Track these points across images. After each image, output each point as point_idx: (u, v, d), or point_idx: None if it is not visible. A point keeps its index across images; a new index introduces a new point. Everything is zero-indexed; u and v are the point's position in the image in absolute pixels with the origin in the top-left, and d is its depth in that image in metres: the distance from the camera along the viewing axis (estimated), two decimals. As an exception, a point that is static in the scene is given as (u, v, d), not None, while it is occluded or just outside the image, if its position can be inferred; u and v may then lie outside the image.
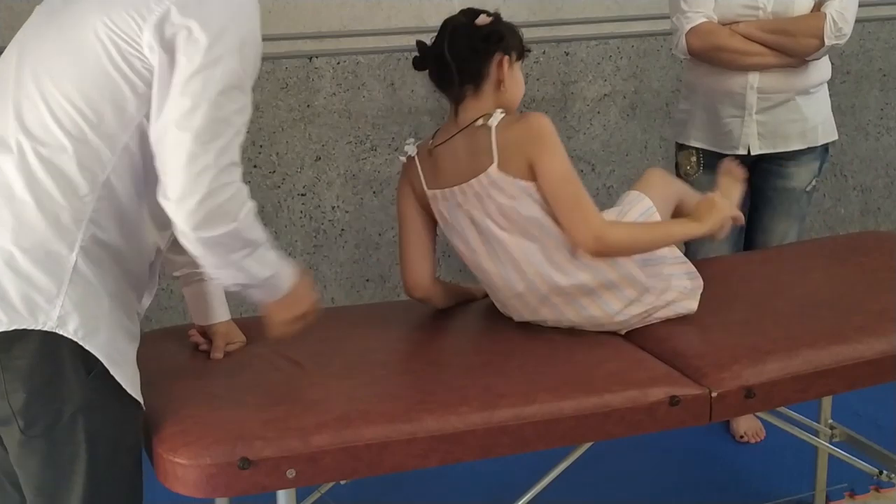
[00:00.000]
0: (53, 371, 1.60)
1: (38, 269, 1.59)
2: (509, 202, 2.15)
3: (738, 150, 3.04)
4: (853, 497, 2.95)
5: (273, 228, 3.72)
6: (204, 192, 1.59)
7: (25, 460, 1.65)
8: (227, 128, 1.65)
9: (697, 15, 2.95)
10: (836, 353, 2.03)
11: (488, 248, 2.20)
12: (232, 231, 1.63)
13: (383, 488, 2.59)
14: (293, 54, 3.63)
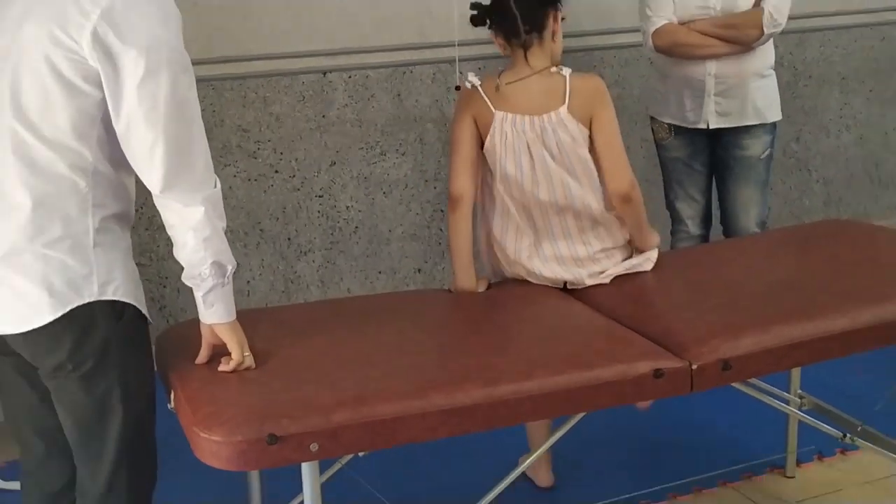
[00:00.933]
0: (93, 323, 1.75)
1: (70, 258, 1.72)
2: (569, 140, 2.37)
3: (700, 125, 3.34)
4: (821, 459, 2.96)
5: (294, 227, 3.72)
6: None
7: (71, 397, 1.80)
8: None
9: (660, 19, 3.23)
10: (804, 329, 2.03)
11: (534, 173, 2.38)
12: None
13: (398, 458, 2.59)
14: (309, 70, 3.63)
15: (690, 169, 3.46)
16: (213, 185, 1.81)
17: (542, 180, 2.38)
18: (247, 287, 3.70)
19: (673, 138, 3.43)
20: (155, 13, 1.77)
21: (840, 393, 2.88)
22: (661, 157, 3.56)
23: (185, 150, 1.76)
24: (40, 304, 1.72)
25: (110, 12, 1.65)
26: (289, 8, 3.55)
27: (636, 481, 2.83)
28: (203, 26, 3.44)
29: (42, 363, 1.79)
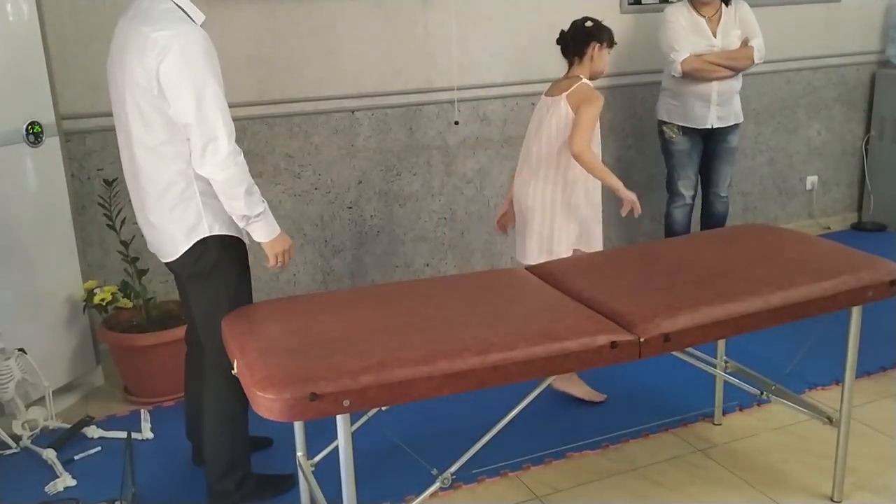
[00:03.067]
0: (207, 249, 2.21)
1: (187, 214, 2.18)
2: (559, 119, 2.84)
3: (706, 125, 3.77)
4: (741, 410, 2.94)
5: (330, 231, 3.71)
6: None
7: (199, 292, 2.28)
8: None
9: (684, 52, 3.64)
10: (728, 309, 2.02)
11: (535, 135, 2.92)
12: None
13: (412, 411, 2.59)
14: (341, 109, 3.63)
15: (690, 159, 3.85)
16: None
17: (539, 138, 2.91)
18: (293, 278, 3.70)
19: (680, 136, 3.80)
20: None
21: (757, 359, 2.87)
22: (669, 151, 3.89)
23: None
24: (179, 242, 2.19)
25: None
26: (324, 61, 3.54)
27: (597, 429, 2.82)
28: (257, 76, 3.44)
29: (184, 274, 2.27)
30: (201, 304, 2.29)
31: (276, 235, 2.22)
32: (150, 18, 2.05)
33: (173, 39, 2.00)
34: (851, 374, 2.30)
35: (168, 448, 2.77)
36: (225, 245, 2.22)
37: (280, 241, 2.24)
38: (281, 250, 2.25)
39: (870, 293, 2.16)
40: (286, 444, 2.53)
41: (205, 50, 2.04)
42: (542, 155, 2.87)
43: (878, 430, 2.78)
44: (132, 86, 2.08)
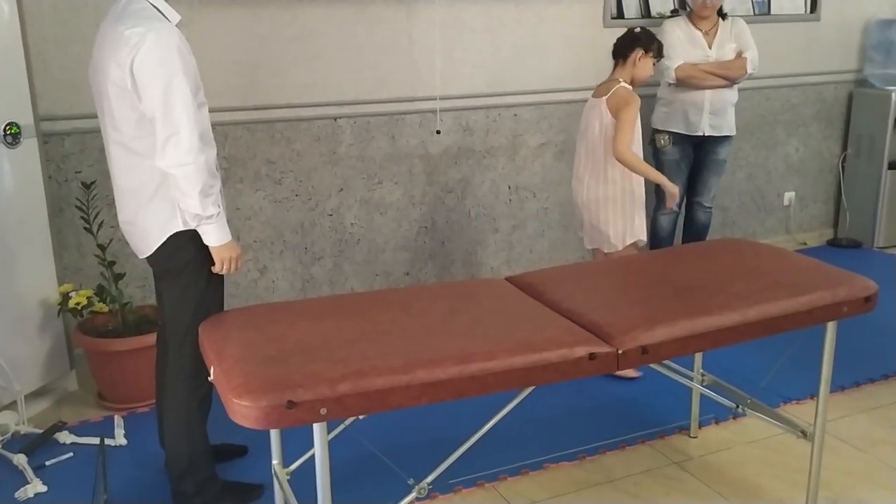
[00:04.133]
0: (180, 244, 2.22)
1: (161, 209, 2.18)
2: (601, 121, 3.09)
3: (698, 133, 3.85)
4: (717, 423, 2.96)
5: (310, 239, 3.70)
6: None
7: (169, 288, 2.30)
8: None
9: (678, 60, 3.73)
10: (705, 322, 2.03)
11: (583, 134, 3.19)
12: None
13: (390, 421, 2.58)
14: (323, 116, 3.62)
15: (679, 169, 3.91)
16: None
17: (585, 137, 3.21)
18: (272, 285, 3.68)
19: (671, 146, 3.87)
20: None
21: (734, 372, 2.89)
22: (659, 160, 3.95)
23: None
24: (154, 237, 2.21)
25: None
26: (307, 67, 3.53)
27: (575, 440, 2.82)
28: (240, 81, 3.43)
29: (158, 270, 2.32)
30: (170, 301, 2.31)
31: (226, 242, 2.22)
32: (125, 17, 2.10)
33: (146, 35, 2.04)
34: (826, 389, 2.33)
35: (141, 455, 2.74)
36: (200, 244, 2.22)
37: (228, 248, 2.23)
38: (228, 257, 2.24)
39: (845, 309, 2.19)
40: (262, 452, 2.51)
41: (177, 47, 2.06)
42: (588, 154, 3.19)
43: (851, 444, 2.81)
44: (108, 83, 2.11)
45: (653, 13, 4.18)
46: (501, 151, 4.01)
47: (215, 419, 2.27)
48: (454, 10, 3.74)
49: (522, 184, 4.10)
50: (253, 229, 3.58)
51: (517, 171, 4.08)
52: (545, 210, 4.20)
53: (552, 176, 4.17)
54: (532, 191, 4.14)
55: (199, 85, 2.16)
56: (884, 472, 2.64)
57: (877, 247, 4.94)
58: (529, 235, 4.20)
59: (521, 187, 4.11)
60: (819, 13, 4.71)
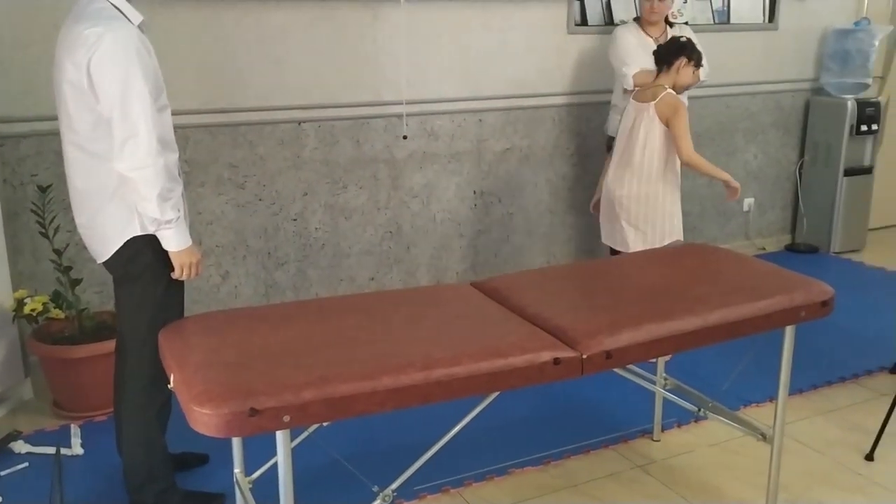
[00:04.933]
0: (139, 249, 2.18)
1: (119, 212, 2.15)
2: (647, 124, 3.23)
3: None
4: (680, 426, 2.99)
5: (273, 243, 3.66)
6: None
7: (126, 294, 2.26)
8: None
9: (635, 67, 3.72)
10: (668, 327, 2.04)
11: (628, 135, 3.30)
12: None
13: (354, 427, 2.56)
14: (287, 120, 3.59)
15: None
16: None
17: (632, 140, 3.30)
18: (235, 291, 3.63)
19: None
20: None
21: (696, 376, 2.92)
22: None
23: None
24: (111, 240, 2.17)
25: None
26: (271, 71, 3.50)
27: (539, 445, 2.83)
28: (203, 83, 3.38)
29: (116, 275, 2.26)
30: (127, 307, 2.26)
31: (186, 247, 2.19)
32: (84, 17, 2.06)
33: (104, 35, 2.01)
34: (785, 392, 2.36)
35: (99, 464, 2.68)
36: (159, 249, 2.18)
37: (188, 254, 2.20)
38: (188, 262, 2.21)
39: (803, 313, 2.23)
40: (223, 460, 2.47)
41: (136, 48, 2.03)
42: (633, 156, 3.28)
43: (809, 446, 2.86)
44: (65, 83, 2.07)
45: (615, 20, 4.22)
46: (466, 156, 4.02)
47: (176, 427, 2.23)
48: (420, 14, 3.74)
49: (487, 189, 4.11)
50: (215, 234, 3.54)
51: (482, 176, 4.08)
52: (510, 215, 4.21)
53: (517, 181, 4.18)
54: (497, 196, 4.15)
55: (161, 87, 2.13)
56: (841, 474, 2.69)
57: (833, 252, 5.05)
58: (494, 240, 4.20)
59: (487, 192, 4.12)
60: (777, 22, 4.81)
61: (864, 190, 5.02)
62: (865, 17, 4.96)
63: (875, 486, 2.62)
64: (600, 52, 4.09)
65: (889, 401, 2.91)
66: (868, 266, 4.83)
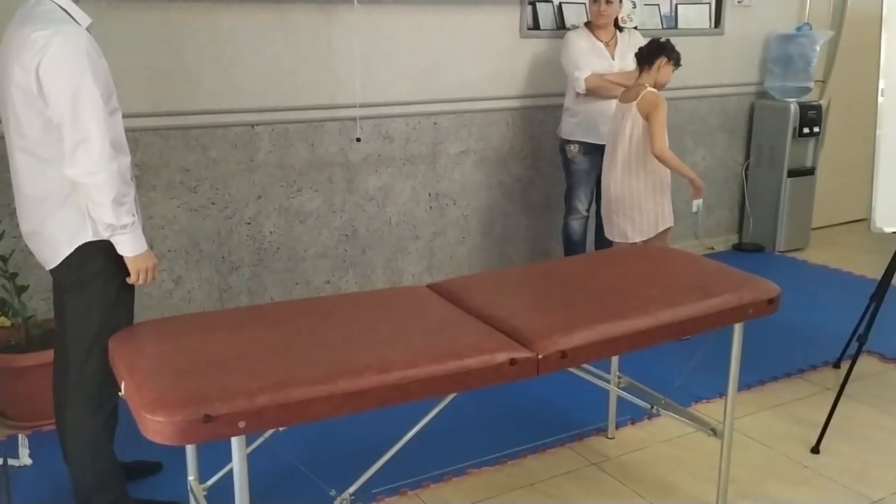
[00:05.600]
0: (89, 255, 2.13)
1: (69, 218, 2.10)
2: (631, 121, 3.38)
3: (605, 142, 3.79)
4: (633, 424, 3.03)
5: (227, 248, 3.61)
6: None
7: (74, 301, 2.18)
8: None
9: (587, 71, 3.79)
10: (621, 326, 2.07)
11: (615, 134, 3.48)
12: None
13: (310, 431, 2.53)
14: (240, 123, 3.54)
15: (588, 177, 3.97)
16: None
17: (615, 139, 3.49)
18: (188, 296, 3.57)
19: (582, 155, 3.93)
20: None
21: (648, 374, 2.96)
22: (569, 169, 4.02)
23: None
24: (60, 246, 2.12)
25: None
26: (223, 73, 3.46)
27: (497, 445, 2.84)
28: (152, 86, 3.32)
29: (64, 281, 2.19)
30: (74, 314, 2.20)
31: (142, 252, 2.15)
32: (32, 19, 2.00)
33: (52, 38, 1.95)
34: (734, 388, 2.41)
35: (48, 475, 2.60)
36: (110, 254, 2.13)
37: (144, 259, 2.16)
38: (145, 267, 2.17)
39: (750, 311, 2.28)
40: (177, 467, 2.43)
41: (86, 51, 1.98)
42: (622, 153, 3.45)
43: (758, 440, 2.92)
44: (12, 87, 2.01)
45: (567, 25, 4.27)
46: (421, 159, 4.02)
47: (128, 435, 2.18)
48: (374, 17, 3.73)
49: (443, 191, 4.12)
50: (167, 238, 3.47)
51: (437, 178, 4.09)
52: (465, 217, 4.22)
53: (472, 183, 4.20)
54: (452, 198, 4.16)
55: (112, 90, 2.08)
56: (788, 466, 2.76)
57: (778, 251, 5.18)
58: (450, 243, 4.21)
59: (442, 195, 4.12)
60: (723, 27, 4.91)
61: (807, 190, 5.16)
62: (807, 22, 5.10)
63: (821, 477, 2.69)
64: (553, 55, 4.13)
65: (833, 395, 3.00)
66: (811, 264, 4.96)
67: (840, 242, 5.37)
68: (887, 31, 2.88)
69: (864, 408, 3.14)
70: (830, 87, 5.38)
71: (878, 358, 3.58)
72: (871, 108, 2.97)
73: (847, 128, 5.41)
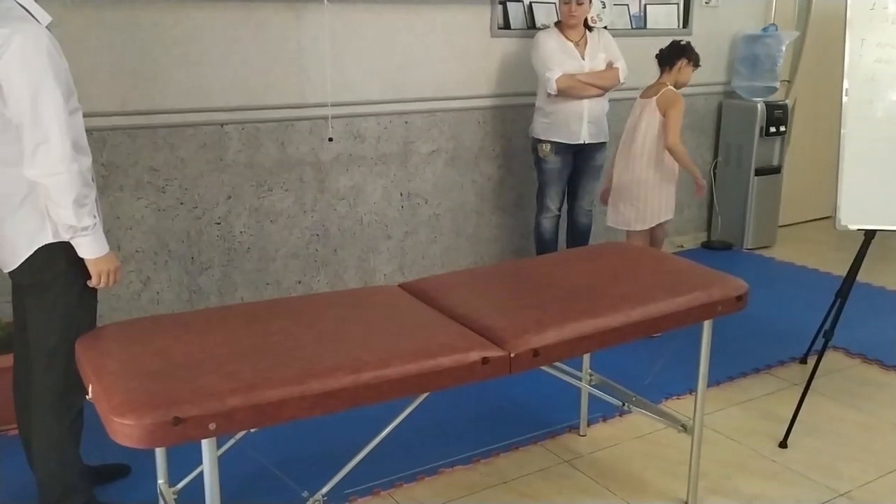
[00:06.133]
0: (50, 256, 2.09)
1: (29, 220, 2.06)
2: (648, 116, 3.67)
3: (579, 141, 3.94)
4: (605, 421, 3.05)
5: (197, 248, 3.57)
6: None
7: (35, 304, 2.14)
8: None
9: (558, 71, 3.81)
10: (593, 324, 2.08)
11: (633, 127, 3.73)
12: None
13: (282, 432, 2.51)
14: (209, 122, 3.51)
15: (560, 176, 4.02)
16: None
17: (635, 131, 3.75)
18: (157, 297, 3.53)
19: (554, 155, 3.95)
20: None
21: (619, 371, 2.99)
22: (541, 168, 4.04)
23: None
24: (20, 249, 2.08)
25: None
26: (191, 72, 3.42)
27: (469, 444, 2.84)
28: (119, 85, 3.28)
29: (24, 284, 2.14)
30: (36, 317, 2.15)
31: (104, 254, 2.11)
32: None
33: (12, 36, 1.92)
34: (703, 384, 2.44)
35: (12, 482, 2.55)
36: (71, 256, 2.09)
37: (106, 261, 2.13)
38: (106, 269, 2.13)
39: (719, 308, 2.30)
40: (146, 470, 2.40)
41: (47, 50, 1.95)
42: (637, 145, 3.68)
43: (727, 436, 2.96)
44: None
45: (537, 24, 4.29)
46: (393, 158, 4.01)
47: (96, 438, 2.14)
48: (344, 15, 3.71)
49: (414, 190, 4.11)
50: (135, 239, 3.43)
51: (409, 177, 4.08)
52: (437, 216, 4.22)
53: (443, 182, 4.20)
54: (424, 197, 4.16)
55: (73, 90, 2.05)
56: (757, 461, 2.80)
57: (746, 248, 5.25)
58: (422, 242, 4.21)
59: (413, 194, 4.12)
60: (691, 28, 4.96)
61: (773, 189, 5.24)
62: (773, 23, 5.17)
63: (789, 471, 2.73)
64: (524, 55, 4.14)
65: (800, 390, 3.05)
66: (778, 261, 5.04)
67: (806, 240, 5.46)
68: (851, 31, 2.93)
69: (830, 402, 3.19)
70: (796, 87, 5.46)
71: (843, 353, 3.64)
72: (835, 107, 3.02)
73: (812, 127, 5.50)
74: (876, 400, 3.22)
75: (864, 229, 2.96)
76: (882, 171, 2.93)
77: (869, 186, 2.92)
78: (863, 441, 2.91)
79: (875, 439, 2.93)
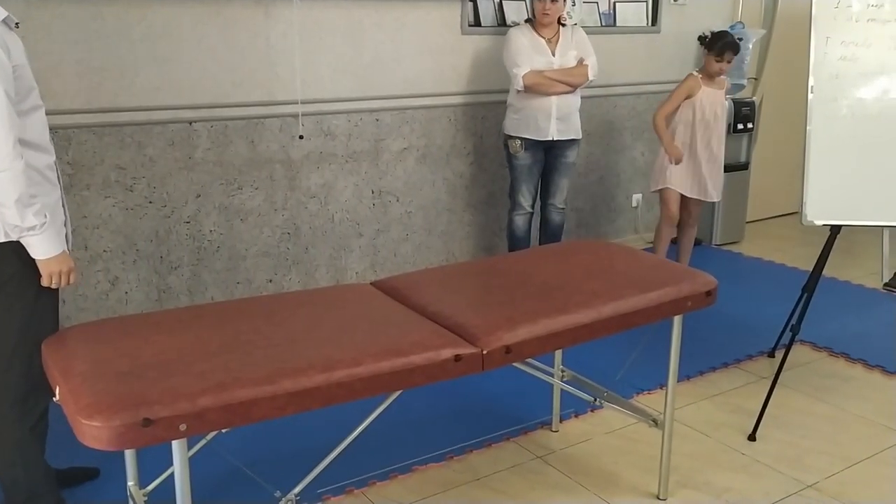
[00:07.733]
0: (4, 257, 2.03)
1: None
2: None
3: (547, 137, 3.95)
4: (577, 416, 3.07)
5: (166, 247, 3.53)
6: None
7: None
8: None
9: (525, 68, 3.82)
10: (564, 320, 2.09)
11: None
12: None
13: (253, 432, 2.50)
14: (177, 120, 3.47)
15: (531, 172, 4.04)
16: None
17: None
18: (125, 297, 3.48)
19: (524, 151, 3.97)
20: None
21: (591, 367, 3.01)
22: (512, 164, 4.05)
23: None
24: None
25: None
26: (158, 69, 3.38)
27: (443, 441, 2.85)
28: (84, 82, 3.23)
29: None
30: None
31: (55, 255, 2.06)
32: None
33: None
34: (674, 379, 2.47)
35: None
36: (24, 256, 2.05)
37: (57, 262, 2.07)
38: (57, 271, 2.08)
39: (689, 303, 2.34)
40: (116, 472, 2.37)
41: None
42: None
43: (697, 430, 3.00)
44: None
45: (508, 21, 4.30)
46: (364, 156, 4.00)
47: (64, 441, 2.12)
48: (313, 12, 3.69)
49: (385, 188, 4.11)
50: (102, 238, 3.38)
51: (380, 175, 4.08)
52: (409, 214, 4.22)
53: (415, 180, 4.20)
54: (395, 195, 4.15)
55: (33, 86, 2.01)
56: (726, 454, 2.84)
57: (715, 244, 5.32)
58: (393, 239, 4.20)
59: (385, 192, 4.11)
60: (659, 26, 5.02)
61: (741, 185, 5.31)
62: (740, 21, 5.24)
63: (758, 464, 2.78)
64: (494, 52, 4.15)
65: (769, 384, 3.10)
66: (746, 256, 5.11)
67: (773, 235, 5.54)
68: (816, 29, 2.98)
69: (798, 395, 3.25)
70: (763, 84, 5.54)
71: (810, 347, 3.71)
72: (801, 104, 3.07)
73: (779, 124, 5.59)
74: (842, 393, 3.28)
75: (830, 224, 3.02)
76: (847, 167, 2.98)
77: (834, 182, 2.98)
78: (829, 433, 2.97)
79: (841, 431, 2.98)
